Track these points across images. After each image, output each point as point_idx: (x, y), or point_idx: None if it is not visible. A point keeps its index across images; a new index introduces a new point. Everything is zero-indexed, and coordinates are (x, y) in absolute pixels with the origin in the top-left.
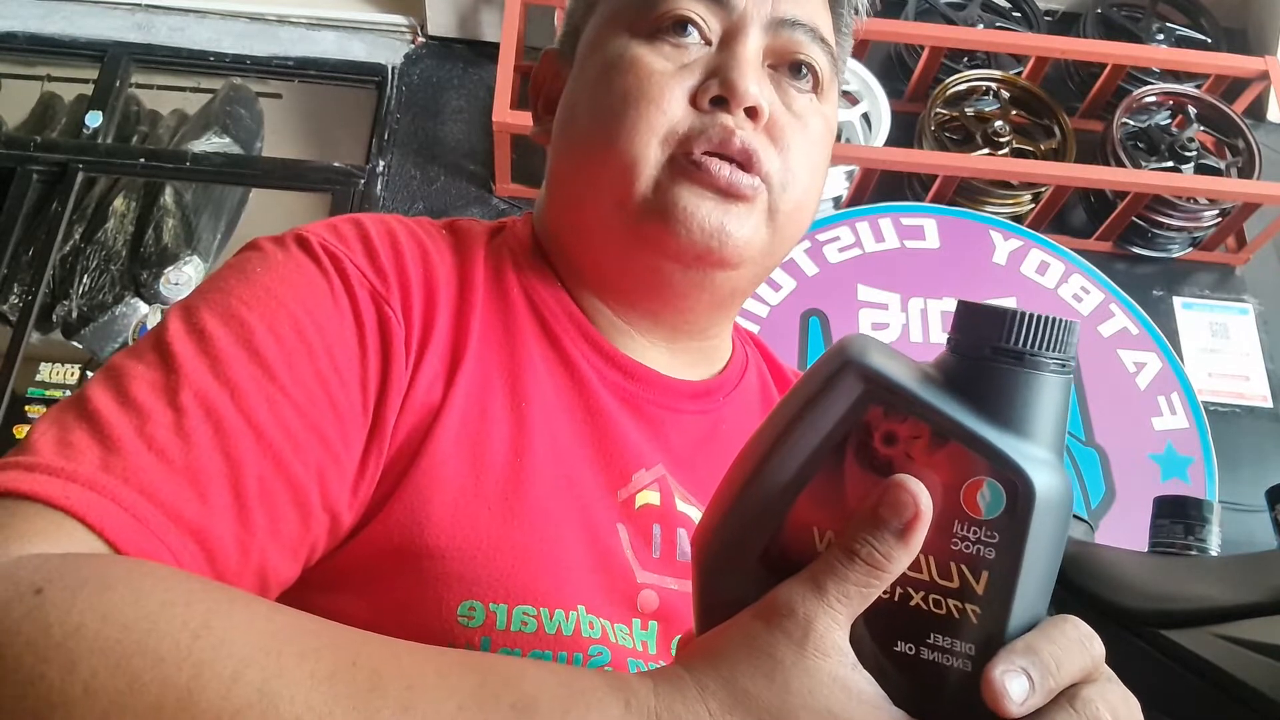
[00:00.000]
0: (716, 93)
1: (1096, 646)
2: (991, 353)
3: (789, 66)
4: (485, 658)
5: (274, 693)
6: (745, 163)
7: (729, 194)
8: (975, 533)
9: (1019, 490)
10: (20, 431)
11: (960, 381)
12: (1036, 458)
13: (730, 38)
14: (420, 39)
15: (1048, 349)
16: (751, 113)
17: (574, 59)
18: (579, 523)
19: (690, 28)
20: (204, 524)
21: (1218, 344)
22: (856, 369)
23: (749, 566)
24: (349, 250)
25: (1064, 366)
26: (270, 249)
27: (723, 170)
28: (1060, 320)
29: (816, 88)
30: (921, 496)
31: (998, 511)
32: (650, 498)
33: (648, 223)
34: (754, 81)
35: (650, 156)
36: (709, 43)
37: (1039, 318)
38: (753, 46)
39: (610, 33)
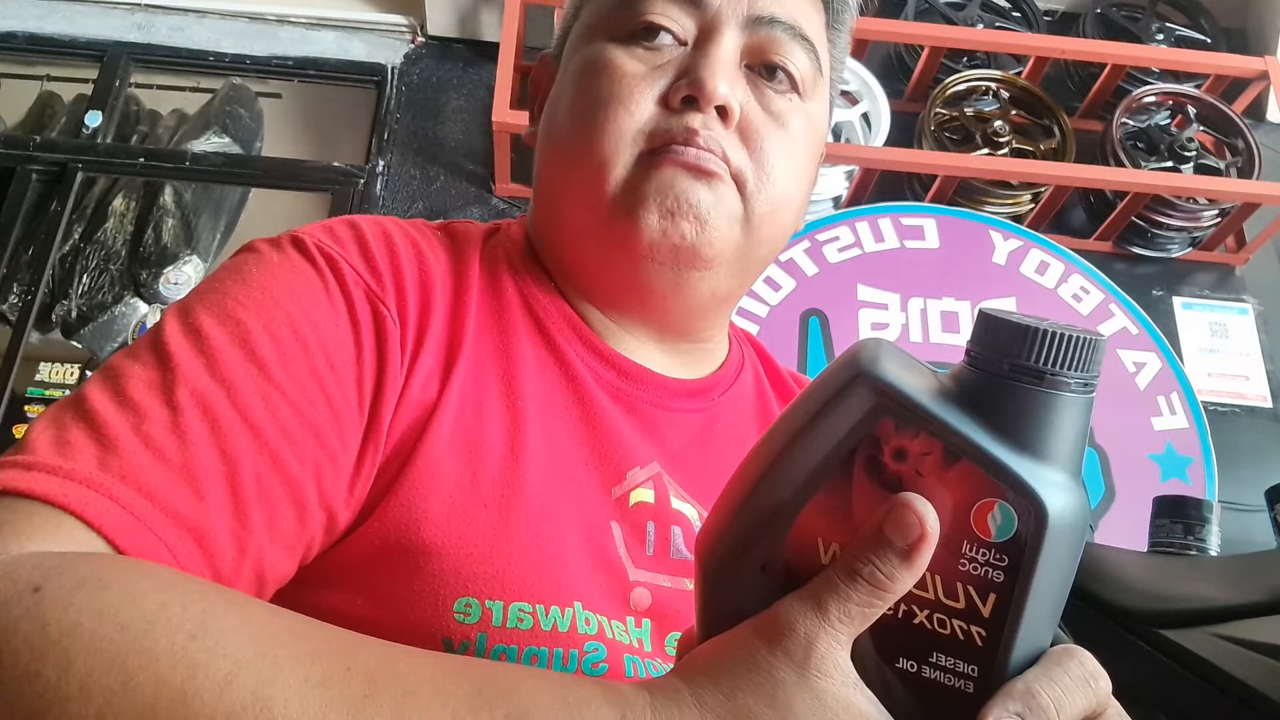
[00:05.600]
0: (686, 92)
1: (1102, 684)
2: (1011, 369)
3: (765, 68)
4: (483, 665)
5: (268, 697)
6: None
7: (699, 169)
8: (984, 554)
9: (1031, 514)
10: (20, 431)
11: (976, 397)
12: (1052, 481)
13: (704, 37)
14: (420, 39)
15: (1071, 368)
16: (722, 113)
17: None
18: (574, 520)
19: (662, 33)
20: (201, 521)
21: (1217, 344)
22: (868, 380)
23: (752, 575)
24: (344, 251)
25: (1087, 387)
26: (266, 250)
27: (689, 150)
28: (1086, 338)
29: (797, 88)
30: (928, 517)
31: (1008, 535)
32: (645, 495)
33: (620, 220)
34: (724, 81)
35: (619, 158)
36: (684, 43)
37: (1063, 335)
38: (727, 46)
39: (588, 37)
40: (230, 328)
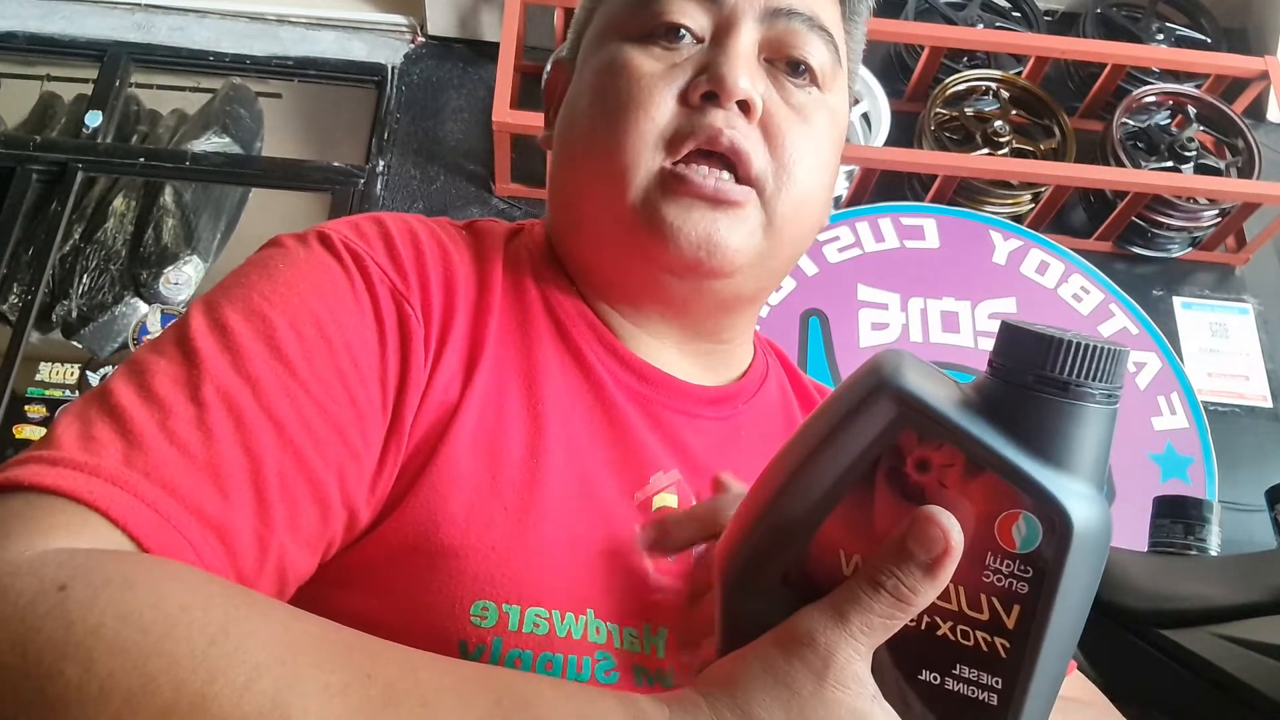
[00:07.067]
0: (706, 88)
1: None
2: (1034, 380)
3: (785, 62)
4: (502, 675)
5: (286, 703)
6: (735, 163)
7: (717, 200)
8: (1008, 566)
9: (1056, 525)
10: (20, 431)
11: (999, 408)
12: (1076, 492)
13: (722, 33)
14: (420, 39)
15: (1095, 379)
16: (744, 107)
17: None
18: (594, 525)
19: (680, 30)
20: (225, 519)
21: (1217, 344)
22: (891, 391)
23: (773, 586)
24: (370, 248)
25: (1110, 398)
26: (293, 246)
27: (708, 180)
28: (1109, 349)
29: (816, 81)
30: (952, 531)
31: (1033, 546)
32: (668, 500)
33: (639, 235)
34: (744, 75)
35: (641, 165)
36: (701, 40)
37: (1087, 346)
38: (745, 40)
39: (605, 37)
40: (255, 323)
